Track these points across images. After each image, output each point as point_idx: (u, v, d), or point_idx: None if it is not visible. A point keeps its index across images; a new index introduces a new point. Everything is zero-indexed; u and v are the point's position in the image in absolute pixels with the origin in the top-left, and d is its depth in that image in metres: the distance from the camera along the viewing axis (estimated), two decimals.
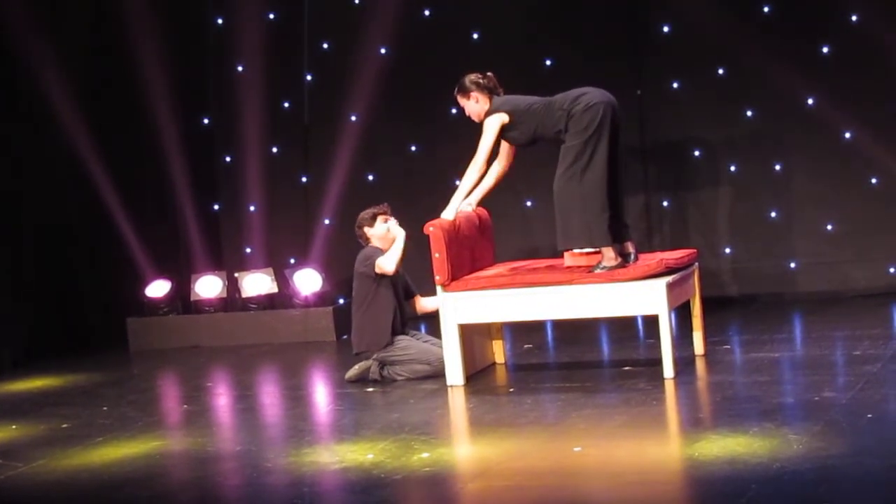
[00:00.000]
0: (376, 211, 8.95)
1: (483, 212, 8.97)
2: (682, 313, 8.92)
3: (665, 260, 8.25)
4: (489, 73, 8.50)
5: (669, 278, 8.11)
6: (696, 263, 8.72)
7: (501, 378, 8.78)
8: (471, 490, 6.23)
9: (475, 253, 8.74)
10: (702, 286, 8.76)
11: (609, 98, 8.18)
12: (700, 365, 8.50)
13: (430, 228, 8.39)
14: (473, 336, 8.74)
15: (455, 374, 8.41)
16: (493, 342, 9.07)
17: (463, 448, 7.09)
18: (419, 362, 8.73)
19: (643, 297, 8.05)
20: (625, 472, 6.34)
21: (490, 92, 8.45)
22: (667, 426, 7.25)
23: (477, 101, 8.46)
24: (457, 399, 8.17)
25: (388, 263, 8.71)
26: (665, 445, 6.73)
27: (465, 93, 8.49)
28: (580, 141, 8.07)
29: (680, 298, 8.37)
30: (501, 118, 8.33)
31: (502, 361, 9.09)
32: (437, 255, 8.34)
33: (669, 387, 7.97)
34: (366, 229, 8.95)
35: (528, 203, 11.30)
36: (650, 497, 5.98)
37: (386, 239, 8.89)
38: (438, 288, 8.37)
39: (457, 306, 8.36)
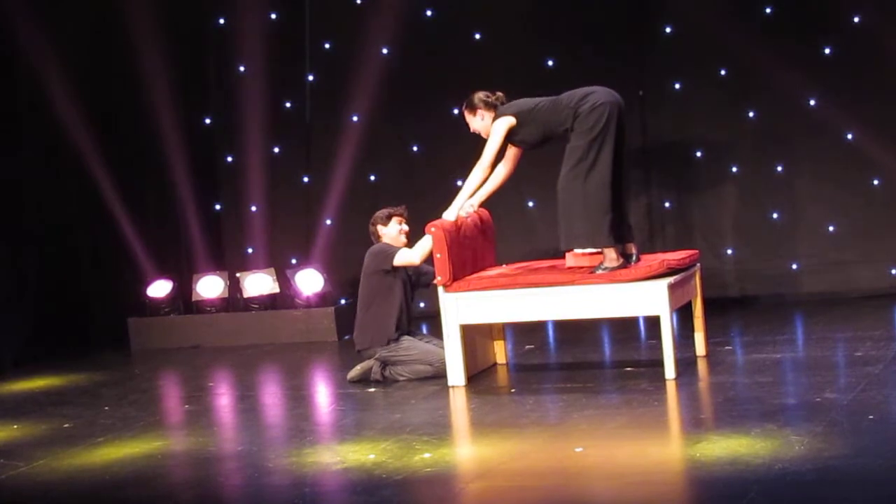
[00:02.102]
0: (392, 211, 8.95)
1: (485, 212, 8.97)
2: (683, 314, 8.92)
3: (667, 261, 8.25)
4: (499, 92, 8.47)
5: (671, 279, 8.10)
6: (698, 264, 8.71)
7: (503, 379, 8.77)
8: (472, 490, 6.23)
9: (477, 253, 8.73)
10: (703, 287, 8.75)
11: (615, 98, 8.18)
12: (702, 366, 8.49)
13: (432, 229, 8.39)
14: (475, 336, 8.74)
15: (457, 374, 8.41)
16: (495, 343, 9.06)
17: (464, 448, 7.08)
18: (421, 363, 8.73)
19: (645, 298, 8.04)
20: (626, 472, 6.35)
21: (496, 110, 8.43)
22: (668, 427, 7.24)
23: (482, 119, 8.44)
24: (458, 399, 8.17)
25: (414, 255, 8.65)
26: (667, 446, 6.73)
27: (472, 109, 8.47)
28: (585, 141, 8.07)
29: (682, 299, 8.37)
30: (508, 121, 8.32)
31: (504, 362, 9.08)
32: (438, 255, 8.35)
33: (671, 388, 7.97)
34: (379, 227, 8.95)
35: (531, 203, 11.30)
36: (652, 498, 5.98)
37: (397, 241, 8.88)
38: (440, 289, 8.38)
39: (458, 307, 8.36)
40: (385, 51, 11.41)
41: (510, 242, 10.58)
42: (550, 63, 11.06)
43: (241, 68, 11.77)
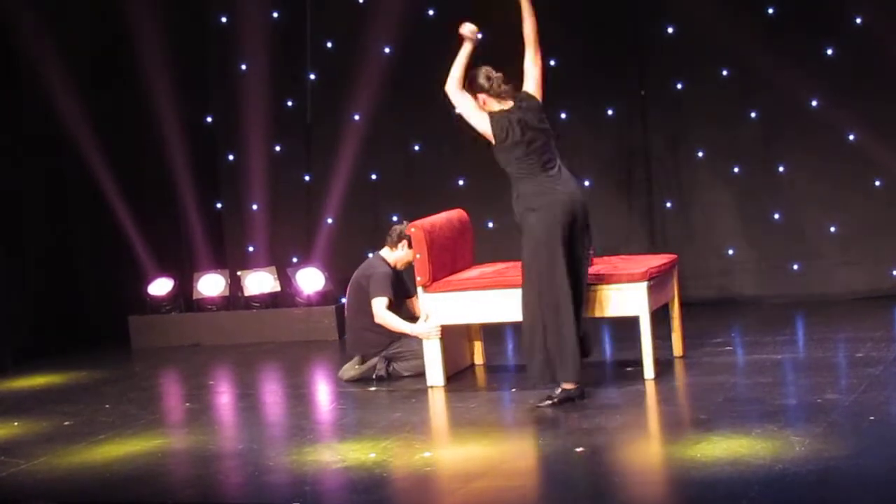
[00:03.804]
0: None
1: (463, 214, 8.99)
2: (690, 314, 8.90)
3: (651, 269, 8.23)
4: (500, 74, 8.03)
5: (650, 282, 8.12)
6: (676, 267, 8.72)
7: (501, 378, 8.77)
8: (472, 489, 6.23)
9: (456, 254, 8.74)
10: (680, 288, 8.77)
11: (567, 199, 7.64)
12: (699, 366, 8.48)
13: (412, 229, 8.42)
14: (453, 337, 8.74)
15: (435, 374, 8.44)
16: (473, 343, 9.08)
17: (465, 447, 7.08)
18: (419, 357, 8.73)
19: (625, 300, 8.06)
20: (627, 472, 6.35)
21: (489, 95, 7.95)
22: (669, 427, 7.25)
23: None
24: (459, 399, 8.17)
25: (382, 315, 8.65)
26: (667, 446, 6.73)
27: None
28: (530, 250, 7.68)
29: (660, 301, 8.42)
30: (478, 108, 7.83)
31: (481, 362, 9.08)
32: (418, 255, 8.36)
33: (672, 388, 7.98)
34: (403, 242, 8.82)
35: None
36: (652, 498, 5.99)
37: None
38: (419, 289, 8.39)
39: (437, 307, 8.37)
40: (387, 50, 11.40)
41: (492, 242, 10.49)
42: (552, 63, 11.04)
43: (243, 67, 11.76)
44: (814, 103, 10.57)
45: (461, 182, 11.11)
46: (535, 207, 7.64)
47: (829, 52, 10.53)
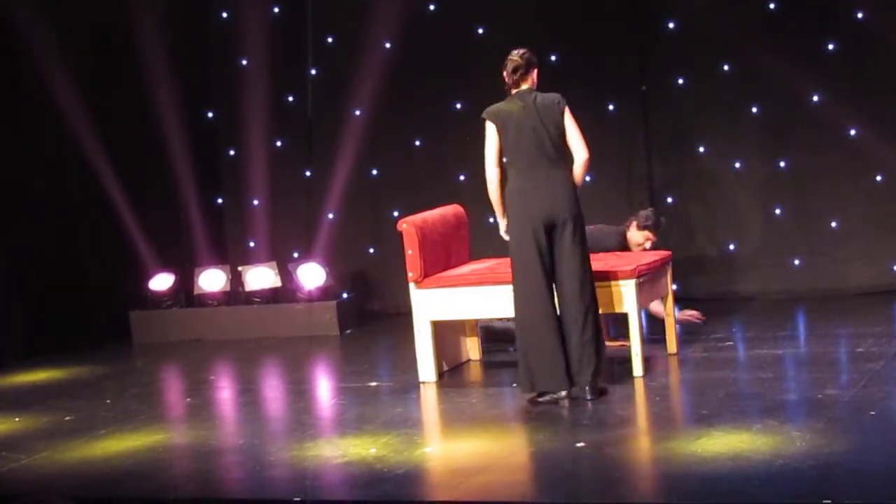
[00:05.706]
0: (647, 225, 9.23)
1: (459, 209, 8.99)
2: (690, 309, 8.90)
3: (640, 266, 8.22)
4: (516, 75, 7.89)
5: (640, 279, 8.12)
6: (670, 264, 8.70)
7: (499, 374, 8.78)
8: (472, 485, 6.24)
9: (450, 250, 8.74)
10: (681, 283, 8.74)
11: (539, 214, 7.55)
12: (699, 362, 8.49)
13: (403, 225, 8.42)
14: (451, 332, 8.75)
15: (427, 370, 8.43)
16: (468, 339, 9.08)
17: (465, 443, 7.08)
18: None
19: (614, 297, 8.05)
20: (627, 467, 6.36)
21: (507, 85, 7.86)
22: (670, 423, 7.25)
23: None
24: (459, 395, 8.17)
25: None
26: (668, 442, 6.73)
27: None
28: (511, 250, 7.72)
29: (651, 298, 8.42)
30: (492, 127, 7.69)
31: (477, 358, 9.08)
32: (409, 251, 8.36)
33: (672, 384, 7.99)
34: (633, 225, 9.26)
35: None
36: (653, 492, 5.99)
37: (632, 242, 9.21)
38: (411, 285, 8.38)
39: (429, 303, 8.38)
40: (388, 45, 11.40)
41: (493, 237, 10.47)
42: (553, 58, 11.05)
43: (244, 62, 11.77)
44: (815, 98, 10.57)
45: (462, 177, 11.11)
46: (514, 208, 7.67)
47: (831, 47, 10.52)
